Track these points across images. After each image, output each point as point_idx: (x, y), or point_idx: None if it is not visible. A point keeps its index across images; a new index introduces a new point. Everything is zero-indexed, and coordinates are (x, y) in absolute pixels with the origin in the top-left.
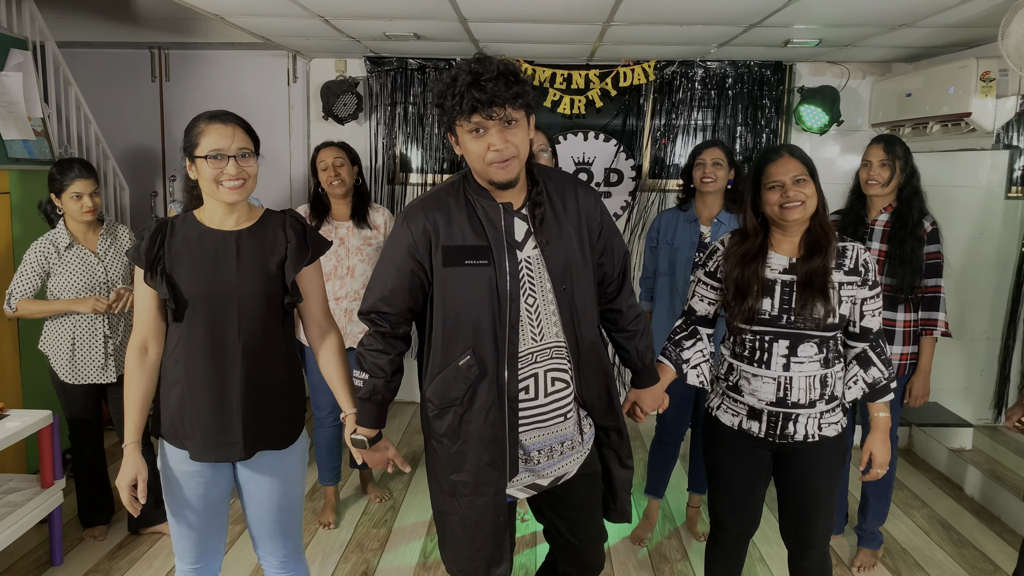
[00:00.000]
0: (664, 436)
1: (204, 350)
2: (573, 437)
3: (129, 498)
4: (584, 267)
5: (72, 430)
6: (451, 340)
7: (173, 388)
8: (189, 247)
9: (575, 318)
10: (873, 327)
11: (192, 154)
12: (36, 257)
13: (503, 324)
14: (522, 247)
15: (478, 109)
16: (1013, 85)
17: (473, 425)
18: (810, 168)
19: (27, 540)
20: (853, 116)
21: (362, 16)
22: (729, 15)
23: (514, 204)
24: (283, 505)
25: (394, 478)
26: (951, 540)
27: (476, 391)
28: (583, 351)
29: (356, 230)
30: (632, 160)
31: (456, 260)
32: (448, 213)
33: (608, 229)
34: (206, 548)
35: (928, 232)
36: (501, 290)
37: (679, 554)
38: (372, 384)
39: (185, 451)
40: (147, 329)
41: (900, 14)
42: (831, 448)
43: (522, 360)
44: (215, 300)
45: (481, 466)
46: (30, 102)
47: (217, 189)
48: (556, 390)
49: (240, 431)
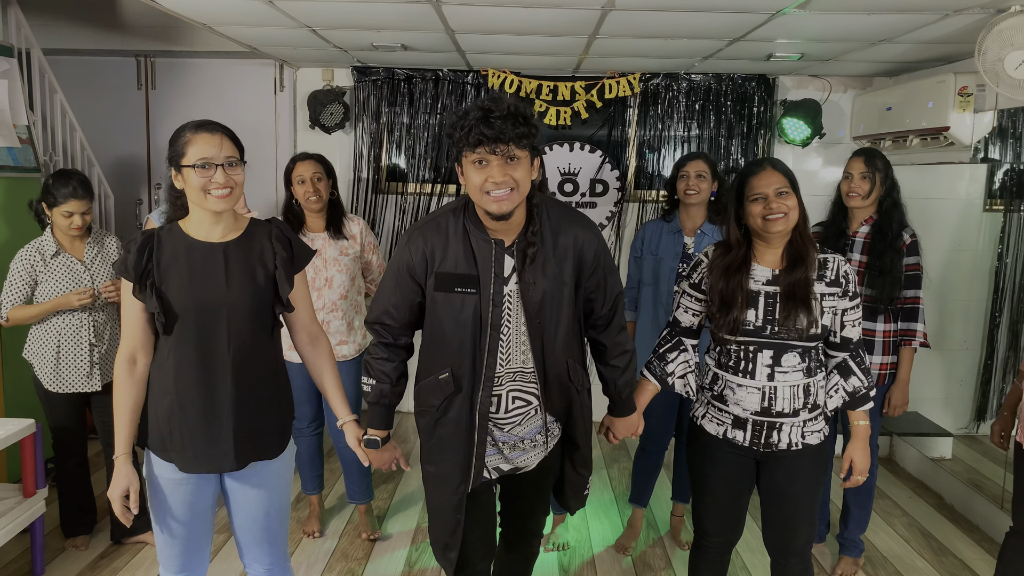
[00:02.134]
0: (648, 445)
1: (193, 362)
2: (536, 436)
3: (121, 509)
4: (560, 305)
5: (55, 439)
6: (435, 355)
7: (162, 400)
8: (178, 260)
9: (544, 349)
10: (853, 337)
11: (179, 163)
12: (23, 265)
13: (483, 349)
14: (507, 282)
15: (483, 143)
16: (990, 100)
17: (445, 431)
18: (792, 181)
19: (9, 550)
20: (835, 129)
21: (349, 27)
22: (713, 29)
23: (505, 241)
24: (270, 512)
25: (378, 486)
26: (931, 548)
27: (451, 404)
28: (550, 379)
29: (332, 241)
30: (617, 171)
31: (446, 286)
32: (445, 241)
33: (604, 269)
34: (191, 557)
35: (907, 244)
36: (484, 318)
37: (663, 563)
38: (379, 389)
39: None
40: (136, 341)
41: (880, 30)
42: (813, 456)
43: (495, 381)
44: (205, 313)
45: (445, 466)
46: (15, 109)
47: (205, 198)
48: (516, 407)
49: (231, 442)
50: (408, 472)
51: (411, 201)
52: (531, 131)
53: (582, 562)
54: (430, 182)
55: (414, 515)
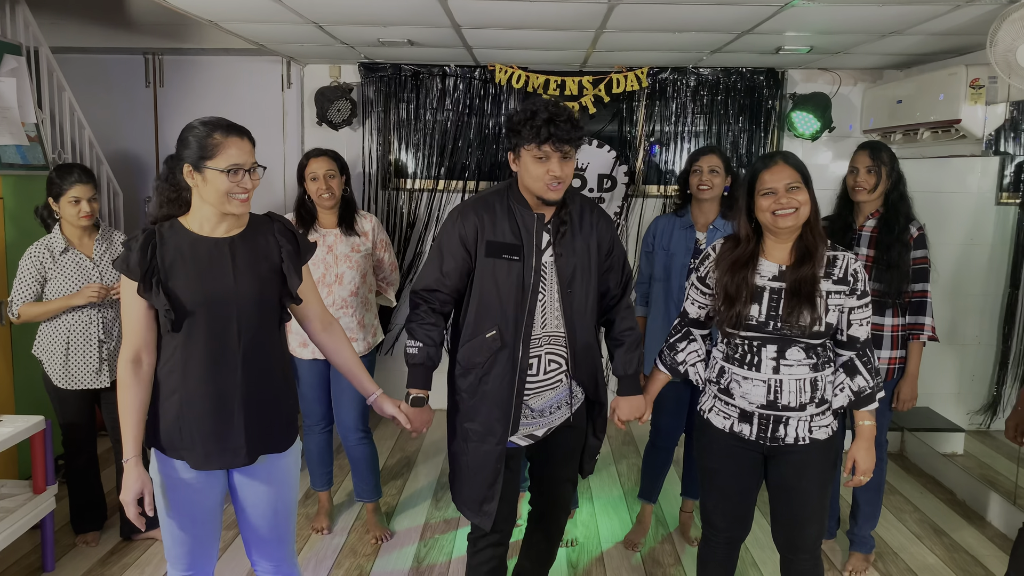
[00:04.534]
0: (658, 441)
1: (203, 358)
2: (562, 401)
3: (135, 513)
4: (588, 278)
5: (65, 435)
6: (482, 316)
7: (169, 399)
8: (183, 256)
9: (573, 317)
10: (860, 336)
11: (202, 164)
12: (32, 263)
13: (523, 310)
14: (543, 253)
15: (550, 141)
16: (1002, 92)
17: (490, 387)
18: (804, 176)
19: (19, 546)
20: (845, 122)
21: (356, 22)
22: (721, 22)
23: (545, 217)
24: (278, 509)
25: (387, 482)
26: (942, 544)
27: (496, 360)
28: (579, 344)
29: (344, 237)
30: (625, 166)
31: (495, 253)
32: (493, 214)
33: (617, 251)
34: (199, 555)
35: (915, 237)
36: (526, 283)
37: (672, 559)
38: (427, 351)
39: (182, 461)
40: (140, 340)
41: (889, 22)
42: (822, 451)
43: (533, 342)
44: (214, 308)
45: (491, 420)
46: (24, 107)
47: (228, 201)
48: (551, 369)
49: (243, 437)
50: (417, 468)
51: (419, 197)
52: (582, 135)
53: (591, 559)
54: (438, 178)
55: (423, 511)
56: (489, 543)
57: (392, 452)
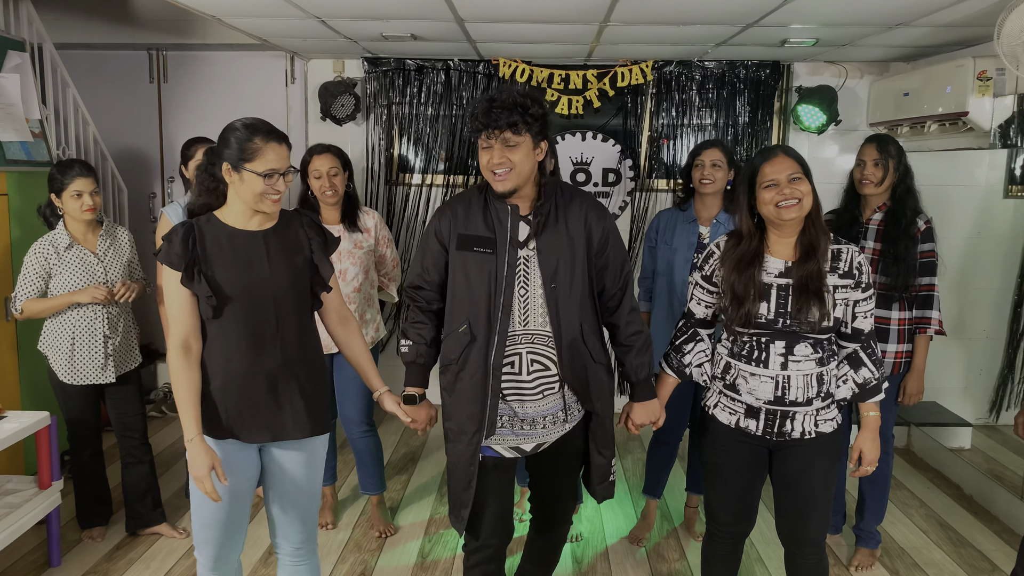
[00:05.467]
0: (662, 436)
1: (244, 343)
2: (556, 414)
3: (211, 488)
4: (573, 271)
5: (70, 431)
6: (456, 311)
7: (213, 382)
8: (221, 247)
9: (559, 314)
10: (865, 328)
11: (241, 165)
12: (37, 259)
13: (496, 304)
14: (523, 246)
15: (483, 129)
16: (1010, 84)
17: (463, 384)
18: (804, 167)
19: (25, 541)
20: (851, 116)
21: (359, 17)
22: (725, 14)
23: (522, 210)
24: (305, 489)
25: (391, 477)
26: (949, 540)
27: (468, 356)
28: (564, 343)
29: (347, 234)
30: (630, 160)
31: (466, 246)
32: (468, 209)
33: (613, 247)
34: (228, 539)
35: (922, 231)
36: (499, 276)
37: (677, 554)
38: (416, 348)
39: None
40: (186, 327)
41: (896, 13)
42: (827, 444)
43: (510, 339)
44: (253, 295)
45: (463, 418)
46: (28, 104)
47: (261, 201)
48: (536, 370)
49: (289, 412)
50: (422, 463)
51: (422, 192)
52: (527, 119)
53: (596, 554)
54: (442, 173)
55: (427, 506)
56: (481, 559)
57: (397, 447)
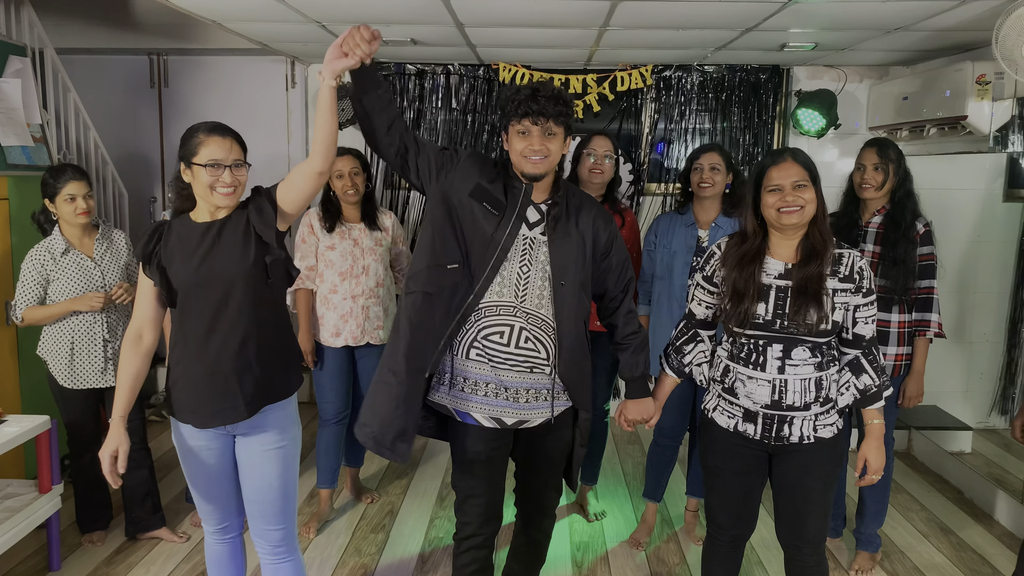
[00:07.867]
0: (662, 440)
1: (199, 330)
2: (539, 392)
3: (110, 468)
4: (579, 273)
5: (70, 435)
6: (448, 248)
7: (175, 368)
8: (182, 241)
9: (562, 309)
10: (866, 334)
11: (190, 161)
12: (34, 265)
13: (485, 263)
14: (531, 227)
15: (529, 115)
16: (1009, 88)
17: (434, 313)
18: (812, 173)
19: (25, 545)
20: (850, 119)
21: (358, 21)
22: (725, 19)
23: (535, 195)
24: (274, 484)
25: (393, 482)
26: (950, 543)
27: (442, 292)
28: (563, 337)
29: (368, 232)
30: (630, 164)
31: (479, 197)
32: (492, 170)
33: (617, 252)
34: (223, 510)
35: (921, 234)
36: (496, 237)
37: (677, 558)
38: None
39: (190, 425)
40: (143, 317)
41: (895, 18)
42: (827, 450)
43: (503, 310)
44: (205, 284)
45: (417, 347)
46: (29, 108)
47: (212, 194)
48: (527, 347)
49: (239, 397)
50: (422, 467)
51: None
52: (568, 111)
53: (596, 557)
54: None
55: (427, 510)
56: (471, 545)
57: None
